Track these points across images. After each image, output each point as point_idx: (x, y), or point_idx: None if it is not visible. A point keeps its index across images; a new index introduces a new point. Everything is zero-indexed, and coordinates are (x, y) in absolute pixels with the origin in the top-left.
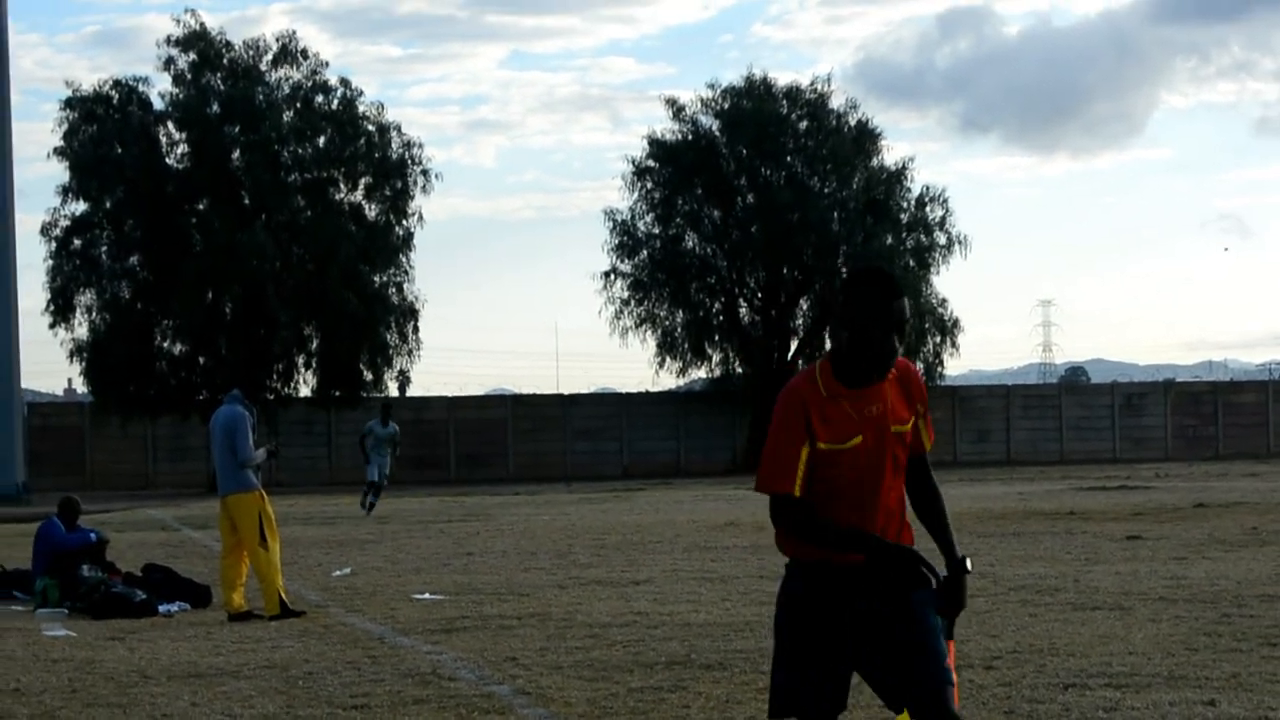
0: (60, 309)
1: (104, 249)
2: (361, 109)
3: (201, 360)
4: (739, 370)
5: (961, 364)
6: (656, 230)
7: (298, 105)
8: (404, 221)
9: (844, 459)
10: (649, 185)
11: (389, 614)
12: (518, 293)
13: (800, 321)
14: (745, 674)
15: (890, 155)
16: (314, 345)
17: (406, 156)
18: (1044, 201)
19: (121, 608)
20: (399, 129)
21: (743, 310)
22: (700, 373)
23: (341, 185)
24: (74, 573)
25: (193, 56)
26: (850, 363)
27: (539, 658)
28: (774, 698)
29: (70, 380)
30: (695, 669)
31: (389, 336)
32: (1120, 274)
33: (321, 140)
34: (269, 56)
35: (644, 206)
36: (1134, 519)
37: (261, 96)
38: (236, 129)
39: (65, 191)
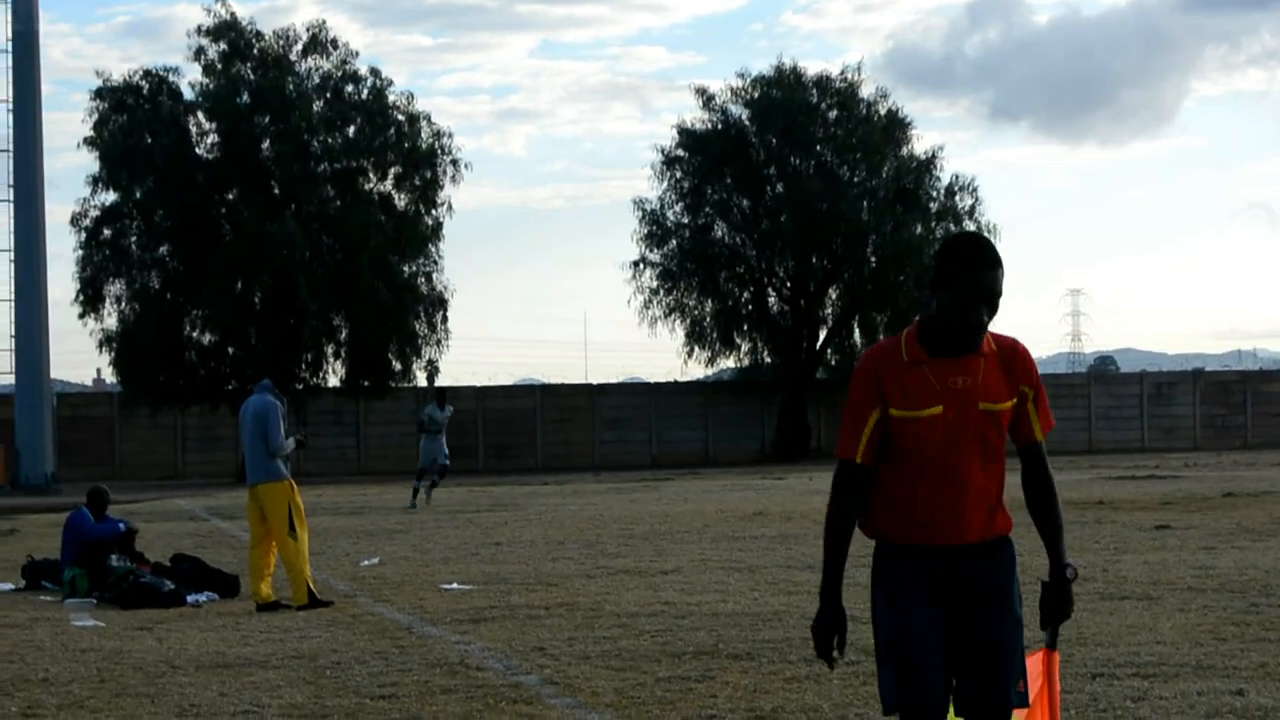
0: (90, 299)
1: (134, 239)
2: (391, 99)
3: (231, 350)
4: (768, 360)
5: None
6: (685, 220)
7: (328, 95)
8: (433, 211)
9: (919, 429)
10: (678, 174)
11: (417, 604)
12: (546, 282)
13: (829, 311)
14: (773, 664)
15: (920, 144)
16: (343, 335)
17: (436, 146)
18: (1074, 190)
19: (150, 598)
20: (429, 118)
21: (771, 300)
22: (729, 362)
23: (371, 175)
24: (103, 563)
25: (223, 46)
26: (937, 330)
27: (567, 647)
28: (884, 696)
29: (99, 370)
30: (723, 659)
31: (418, 326)
32: (1149, 263)
33: (351, 130)
34: (299, 46)
35: (673, 196)
36: (1162, 508)
37: (291, 86)
38: (266, 119)
39: (95, 181)
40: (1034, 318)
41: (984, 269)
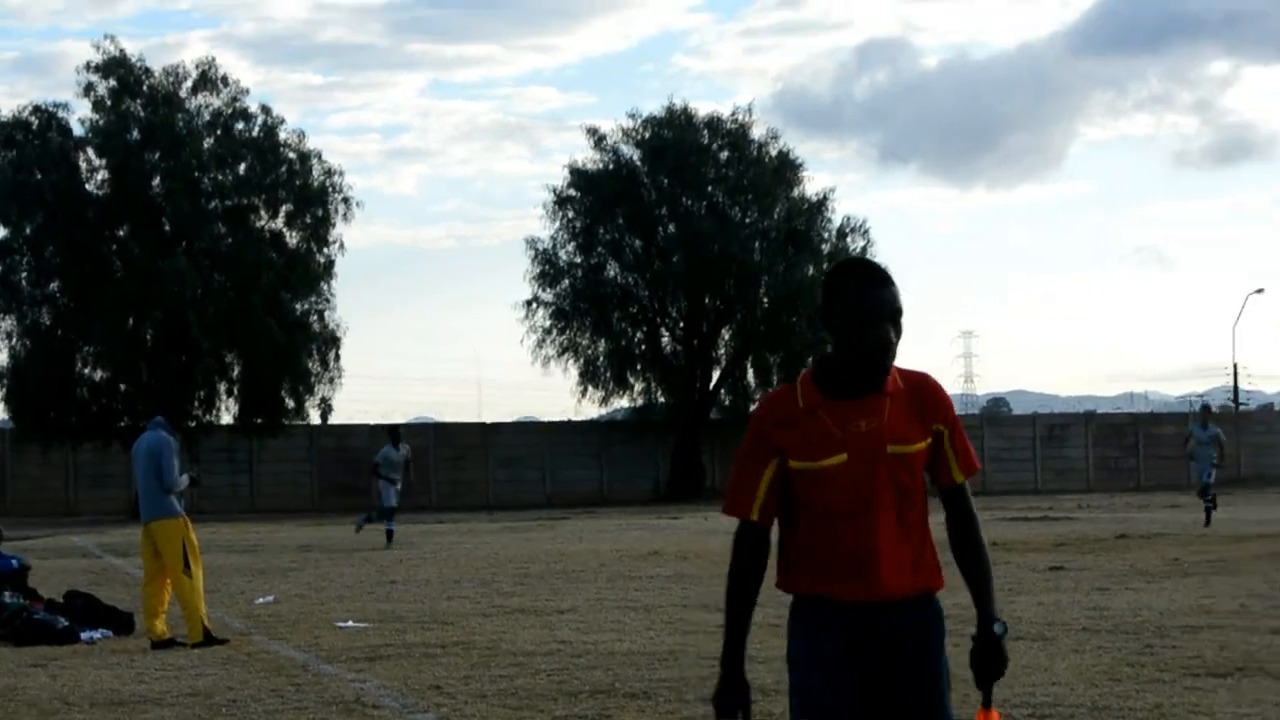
0: None
1: (24, 275)
2: (282, 136)
3: (123, 387)
4: (661, 399)
5: None
6: (578, 259)
7: (218, 132)
8: (325, 249)
9: (823, 479)
10: (570, 214)
11: (312, 641)
12: (438, 321)
13: (722, 351)
14: (669, 703)
15: (811, 186)
16: (235, 372)
17: (327, 184)
18: (963, 233)
19: (43, 635)
20: (320, 156)
21: (664, 340)
22: (622, 402)
23: (262, 212)
24: None
25: (112, 83)
26: (837, 367)
27: (463, 686)
28: None
29: None
30: (619, 698)
31: (310, 364)
32: (1040, 306)
33: (242, 167)
34: (189, 83)
35: (565, 235)
36: (1056, 550)
37: (182, 123)
38: (157, 155)
39: None
40: (926, 359)
41: (879, 284)
